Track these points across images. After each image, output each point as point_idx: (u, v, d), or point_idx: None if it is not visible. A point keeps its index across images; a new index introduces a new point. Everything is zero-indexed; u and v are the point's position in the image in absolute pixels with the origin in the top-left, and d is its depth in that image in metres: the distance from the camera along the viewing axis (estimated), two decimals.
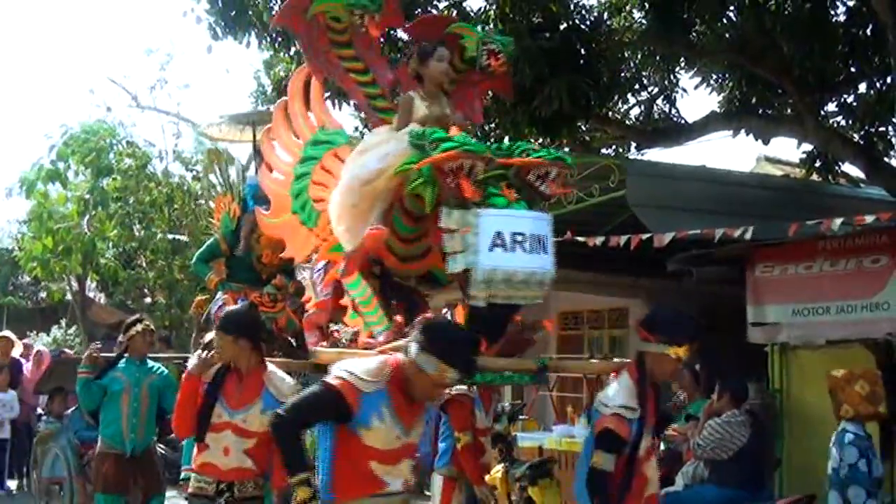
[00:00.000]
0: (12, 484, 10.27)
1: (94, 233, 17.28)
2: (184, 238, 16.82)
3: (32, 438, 9.76)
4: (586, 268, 8.94)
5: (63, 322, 19.43)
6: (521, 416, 8.36)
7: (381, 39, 5.22)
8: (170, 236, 16.83)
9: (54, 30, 54.65)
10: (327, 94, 9.61)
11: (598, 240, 7.41)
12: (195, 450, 4.43)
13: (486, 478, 6.77)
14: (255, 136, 6.78)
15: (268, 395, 4.29)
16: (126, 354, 6.17)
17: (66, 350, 14.56)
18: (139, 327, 6.17)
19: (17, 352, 10.24)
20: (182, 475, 5.77)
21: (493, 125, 9.98)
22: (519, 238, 3.68)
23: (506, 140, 8.93)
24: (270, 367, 4.45)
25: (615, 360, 4.80)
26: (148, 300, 18.73)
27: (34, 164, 17.36)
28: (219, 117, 9.89)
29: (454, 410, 5.76)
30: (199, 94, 47.76)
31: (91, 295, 20.90)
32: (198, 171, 18.87)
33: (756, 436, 6.35)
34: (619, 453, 4.04)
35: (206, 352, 4.45)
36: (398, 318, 3.98)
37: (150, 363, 6.28)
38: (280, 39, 9.74)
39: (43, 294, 22.36)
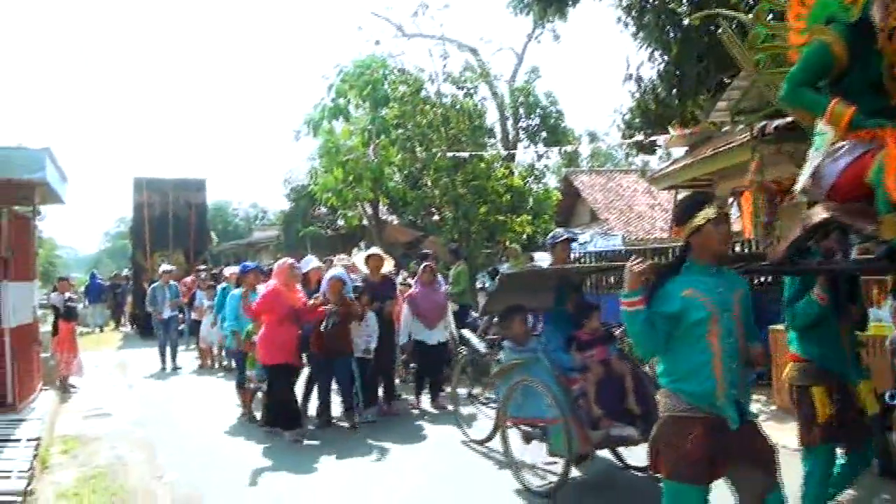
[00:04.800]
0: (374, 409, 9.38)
1: (379, 160, 18.54)
2: (463, 154, 17.53)
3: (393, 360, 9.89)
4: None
5: (362, 244, 20.95)
6: None
7: None
8: (449, 154, 17.60)
9: None
10: None
11: None
12: None
13: None
14: None
15: None
16: (689, 260, 3.62)
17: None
18: (705, 212, 3.56)
19: (387, 268, 9.80)
20: None
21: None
22: None
23: None
24: None
25: None
26: (436, 217, 19.77)
27: (316, 106, 18.86)
28: None
29: None
30: (460, 12, 48.65)
31: (384, 218, 22.37)
32: (469, 88, 19.53)
33: None
34: None
35: None
36: None
37: (725, 269, 3.70)
38: None
39: (340, 221, 24.14)
